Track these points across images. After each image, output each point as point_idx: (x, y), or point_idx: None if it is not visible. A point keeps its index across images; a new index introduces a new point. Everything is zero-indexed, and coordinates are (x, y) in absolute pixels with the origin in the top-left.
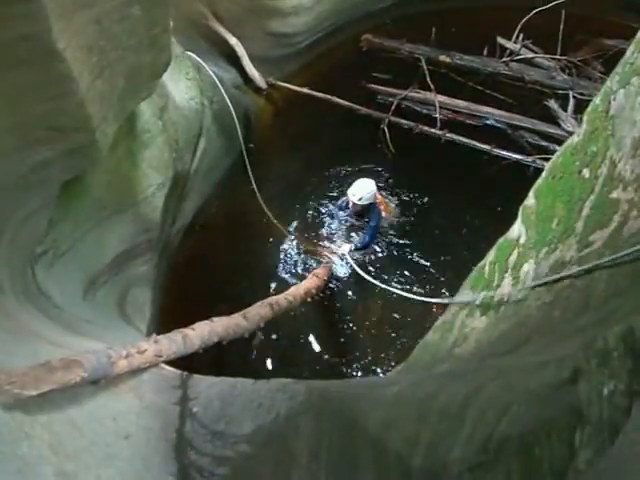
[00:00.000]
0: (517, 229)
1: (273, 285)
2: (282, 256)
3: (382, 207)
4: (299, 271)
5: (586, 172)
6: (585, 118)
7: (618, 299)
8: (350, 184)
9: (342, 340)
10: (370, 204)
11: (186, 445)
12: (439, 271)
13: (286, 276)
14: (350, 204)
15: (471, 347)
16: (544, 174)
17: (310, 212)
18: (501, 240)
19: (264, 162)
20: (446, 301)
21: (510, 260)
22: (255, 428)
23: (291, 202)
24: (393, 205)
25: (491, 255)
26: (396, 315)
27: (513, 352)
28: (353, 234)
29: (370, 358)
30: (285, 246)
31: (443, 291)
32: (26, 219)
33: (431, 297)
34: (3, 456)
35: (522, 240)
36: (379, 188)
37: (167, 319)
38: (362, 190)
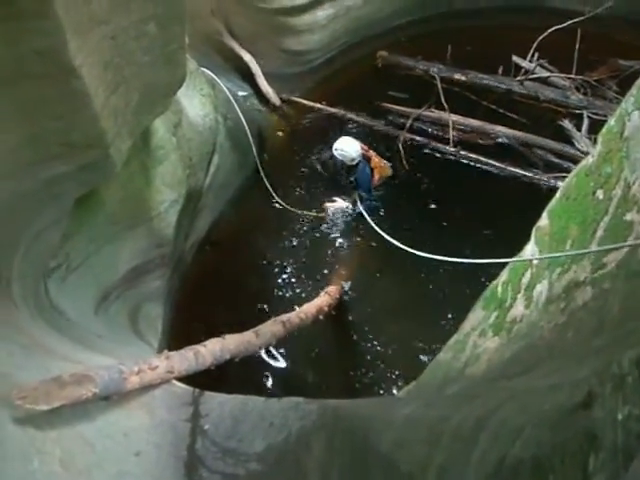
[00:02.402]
0: (530, 249)
1: (285, 302)
2: (294, 273)
3: (376, 169)
4: (311, 288)
5: (600, 193)
6: (600, 139)
7: (632, 322)
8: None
9: (354, 358)
10: (357, 163)
11: (197, 462)
12: (451, 291)
13: (298, 293)
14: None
15: (483, 367)
16: (558, 195)
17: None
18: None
19: (277, 178)
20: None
21: (523, 281)
22: (266, 446)
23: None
24: (389, 167)
25: (504, 275)
26: (408, 332)
27: (526, 374)
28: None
29: (382, 376)
30: (297, 262)
31: (450, 316)
32: (39, 233)
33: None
34: (14, 472)
35: (535, 261)
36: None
37: (179, 335)
38: (341, 144)
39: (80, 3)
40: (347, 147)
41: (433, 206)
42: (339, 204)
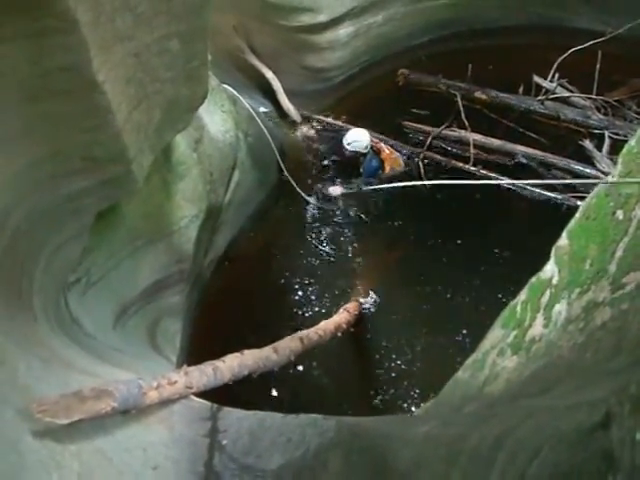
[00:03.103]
0: (550, 269)
1: (303, 318)
2: (313, 289)
3: (387, 161)
4: (329, 305)
5: (620, 214)
6: (620, 160)
7: None
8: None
9: (372, 375)
10: (365, 154)
11: (214, 478)
12: (470, 310)
13: (316, 309)
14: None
15: (501, 386)
16: (578, 215)
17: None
18: (533, 280)
19: (296, 193)
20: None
21: (542, 300)
22: (284, 463)
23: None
24: (401, 159)
25: (523, 294)
26: (427, 349)
27: (544, 393)
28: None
29: (400, 393)
30: (316, 280)
31: (464, 332)
32: (60, 247)
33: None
34: None
35: (555, 280)
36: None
37: (198, 350)
38: (352, 136)
39: (104, 20)
40: (358, 137)
41: (451, 225)
42: (339, 188)
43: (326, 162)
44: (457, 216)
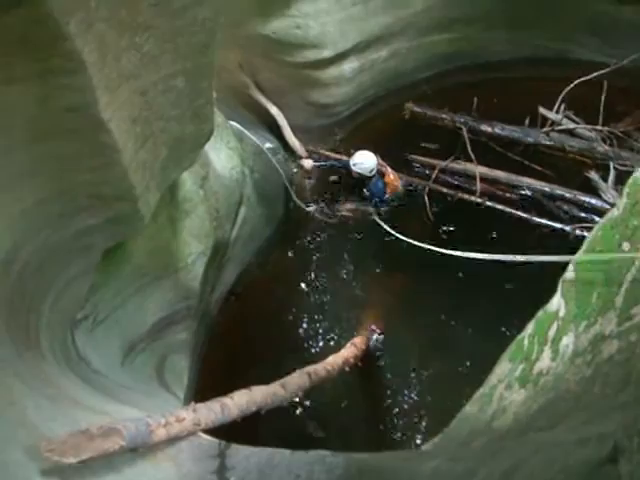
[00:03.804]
0: (556, 302)
1: (310, 354)
2: (320, 324)
3: (389, 185)
4: (337, 340)
5: (626, 246)
6: (626, 191)
7: None
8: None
9: (380, 409)
10: (370, 177)
11: None
12: (475, 342)
13: (323, 345)
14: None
15: (509, 420)
16: (584, 247)
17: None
18: (540, 313)
19: (302, 226)
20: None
21: (549, 333)
22: None
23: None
24: (401, 185)
25: (530, 328)
26: (435, 384)
27: (552, 427)
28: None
29: (407, 428)
30: (323, 314)
31: (469, 365)
32: (68, 285)
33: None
34: None
35: (561, 313)
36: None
37: (205, 386)
38: (359, 157)
39: (110, 59)
40: (365, 159)
41: (456, 259)
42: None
43: (331, 180)
44: (462, 245)
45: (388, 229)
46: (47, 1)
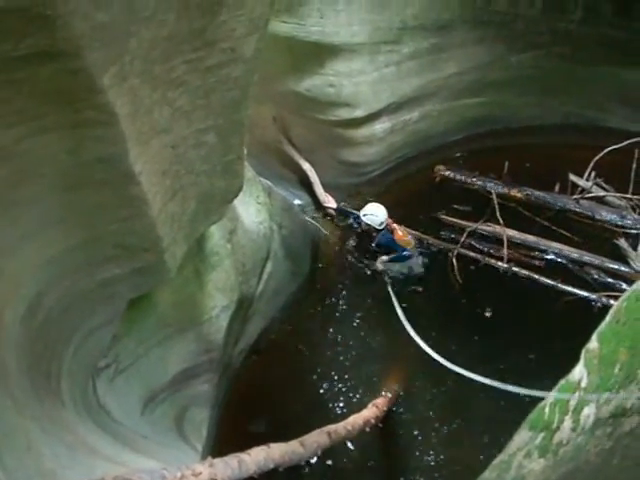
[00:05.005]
0: (579, 372)
1: (331, 413)
2: (342, 383)
3: (399, 242)
4: (358, 400)
5: None
6: None
7: None
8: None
9: (400, 471)
10: (379, 230)
11: None
12: (495, 407)
13: (344, 404)
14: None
15: None
16: (608, 318)
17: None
18: (562, 382)
19: (330, 282)
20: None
21: (571, 403)
22: None
23: (352, 309)
24: (413, 242)
25: (552, 396)
26: (454, 449)
27: None
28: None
29: None
30: (345, 372)
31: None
32: (91, 333)
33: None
34: None
35: (583, 383)
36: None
37: (224, 440)
38: (370, 209)
39: (142, 113)
40: (375, 211)
41: (481, 323)
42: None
43: (349, 245)
44: (487, 310)
45: (397, 308)
46: (82, 55)
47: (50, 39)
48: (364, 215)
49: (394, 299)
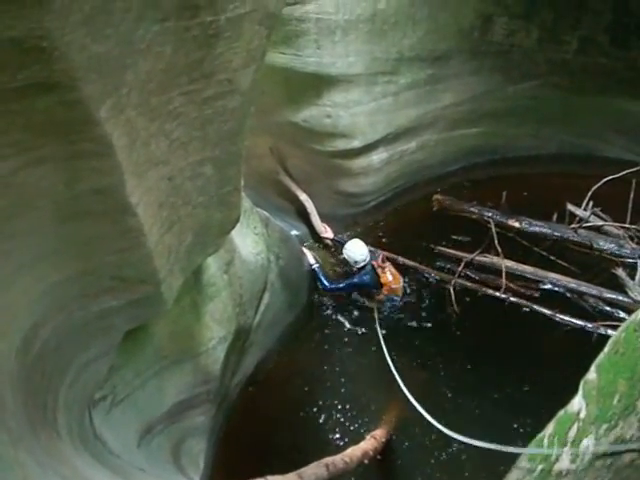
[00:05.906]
0: (577, 403)
1: (329, 444)
2: (339, 416)
3: (385, 286)
4: (355, 432)
5: None
6: None
7: None
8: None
9: None
10: (362, 267)
11: None
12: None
13: (342, 436)
14: None
15: None
16: (606, 349)
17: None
18: (561, 413)
19: (326, 317)
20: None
21: (570, 434)
22: None
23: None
24: (401, 288)
25: (550, 428)
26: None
27: None
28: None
29: None
30: (343, 405)
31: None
32: (87, 364)
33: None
34: None
35: (582, 415)
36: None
37: (221, 472)
38: (350, 245)
39: (139, 145)
40: (354, 249)
41: (477, 350)
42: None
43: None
44: (485, 341)
45: (384, 348)
46: (79, 87)
47: (46, 71)
48: (345, 249)
49: (383, 343)
